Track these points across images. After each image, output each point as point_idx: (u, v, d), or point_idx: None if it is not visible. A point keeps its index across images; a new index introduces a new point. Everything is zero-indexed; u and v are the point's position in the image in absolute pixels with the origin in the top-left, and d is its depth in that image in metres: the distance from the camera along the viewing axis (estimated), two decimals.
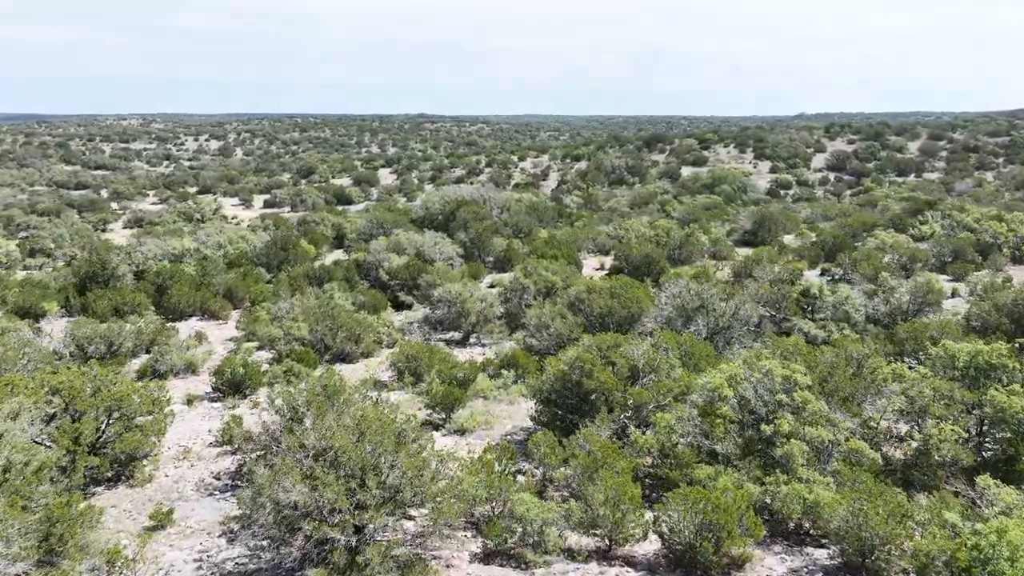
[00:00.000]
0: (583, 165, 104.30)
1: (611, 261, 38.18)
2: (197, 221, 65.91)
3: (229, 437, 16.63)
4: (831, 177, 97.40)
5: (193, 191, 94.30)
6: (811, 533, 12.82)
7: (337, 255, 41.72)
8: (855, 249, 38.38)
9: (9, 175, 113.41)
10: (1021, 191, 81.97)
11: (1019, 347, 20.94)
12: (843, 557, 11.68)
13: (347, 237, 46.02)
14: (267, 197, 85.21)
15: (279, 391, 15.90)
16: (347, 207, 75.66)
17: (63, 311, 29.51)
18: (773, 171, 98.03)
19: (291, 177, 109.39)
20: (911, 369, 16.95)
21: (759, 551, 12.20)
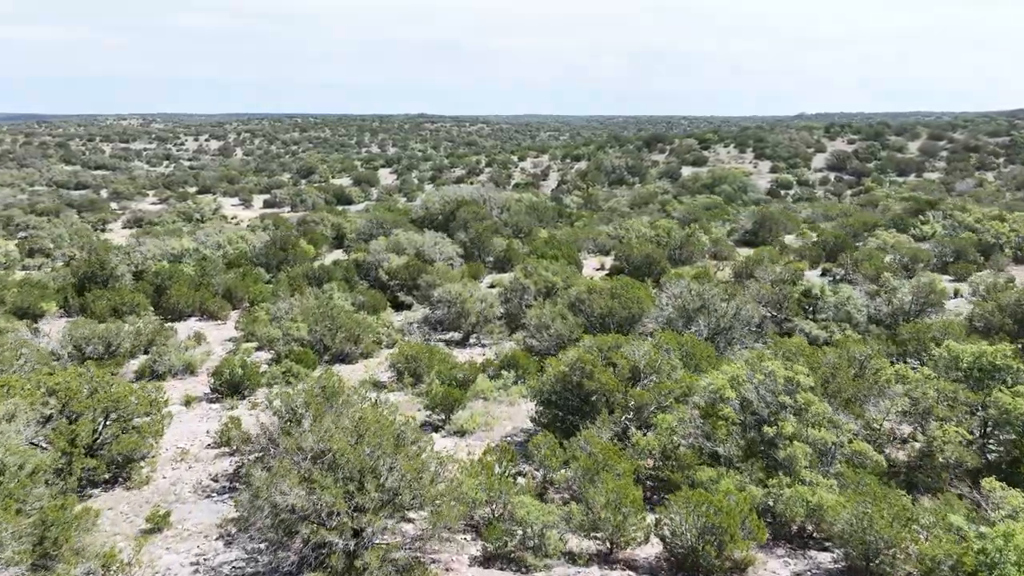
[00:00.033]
0: (583, 165, 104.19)
1: (611, 261, 38.06)
2: (197, 221, 65.82)
3: (227, 439, 16.49)
4: (831, 177, 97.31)
5: (193, 191, 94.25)
6: (814, 536, 12.70)
7: (337, 255, 41.59)
8: (856, 249, 38.24)
9: (9, 175, 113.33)
10: (1022, 191, 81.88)
11: (1023, 348, 20.81)
12: (847, 561, 11.55)
13: (347, 237, 45.89)
14: (267, 197, 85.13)
15: (277, 392, 15.79)
16: (347, 207, 75.55)
17: (62, 311, 29.38)
18: (773, 171, 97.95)
19: (291, 177, 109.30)
20: (914, 370, 16.82)
21: (762, 554, 12.07)
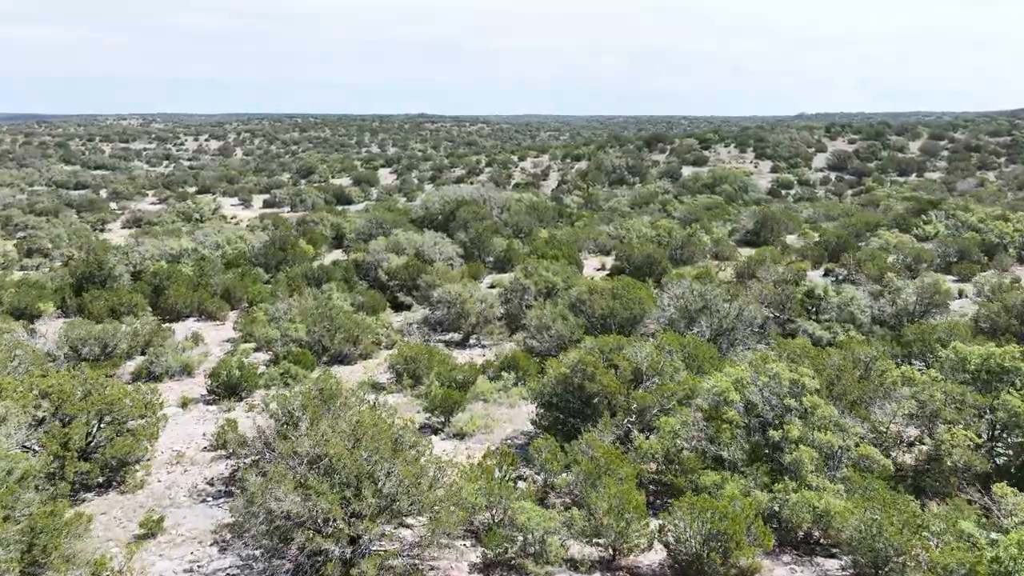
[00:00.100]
0: (583, 165, 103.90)
1: (612, 261, 37.81)
2: (196, 221, 65.57)
3: (223, 441, 16.22)
4: (832, 177, 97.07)
5: (192, 191, 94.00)
6: (821, 543, 12.43)
7: (336, 255, 41.35)
8: (859, 249, 37.98)
9: (8, 175, 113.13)
10: (1023, 191, 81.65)
11: None
12: (855, 568, 11.30)
13: (346, 237, 45.63)
14: (266, 197, 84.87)
15: (274, 394, 15.55)
16: (347, 207, 75.27)
17: (59, 312, 29.14)
18: (774, 171, 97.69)
19: (291, 177, 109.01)
20: (920, 372, 16.57)
21: (768, 561, 11.83)
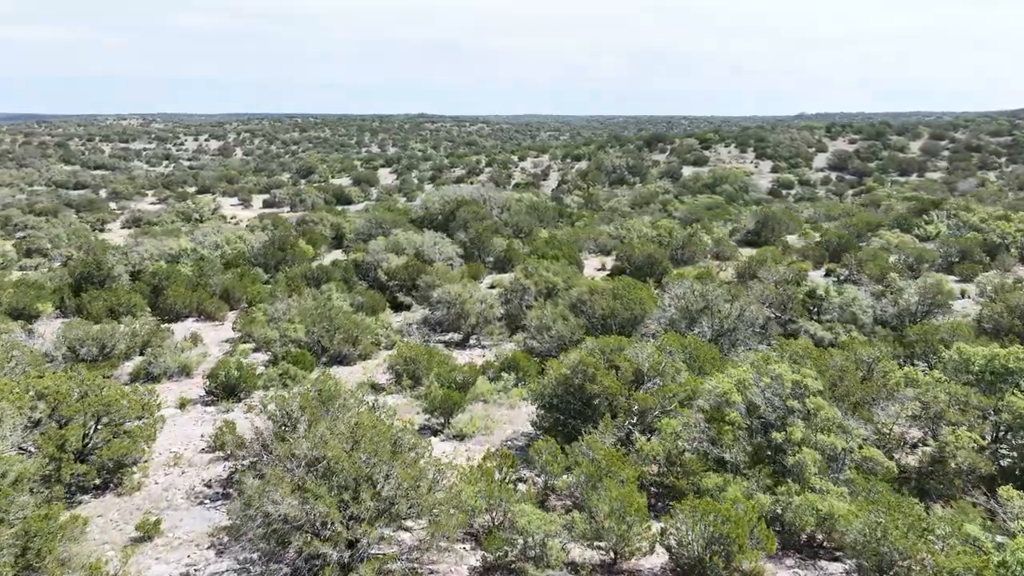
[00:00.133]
0: (583, 165, 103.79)
1: (613, 261, 37.68)
2: (195, 221, 65.44)
3: (221, 443, 16.08)
4: (833, 177, 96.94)
5: (192, 191, 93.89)
6: (824, 546, 12.30)
7: (336, 255, 41.22)
8: (860, 249, 37.86)
9: (8, 175, 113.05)
10: None
11: None
12: (860, 572, 11.14)
13: (346, 237, 45.51)
14: (266, 197, 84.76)
15: (272, 395, 15.42)
16: (347, 207, 75.16)
17: (58, 312, 29.03)
18: (775, 171, 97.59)
19: (291, 177, 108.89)
20: (924, 374, 16.45)
21: (771, 565, 11.70)
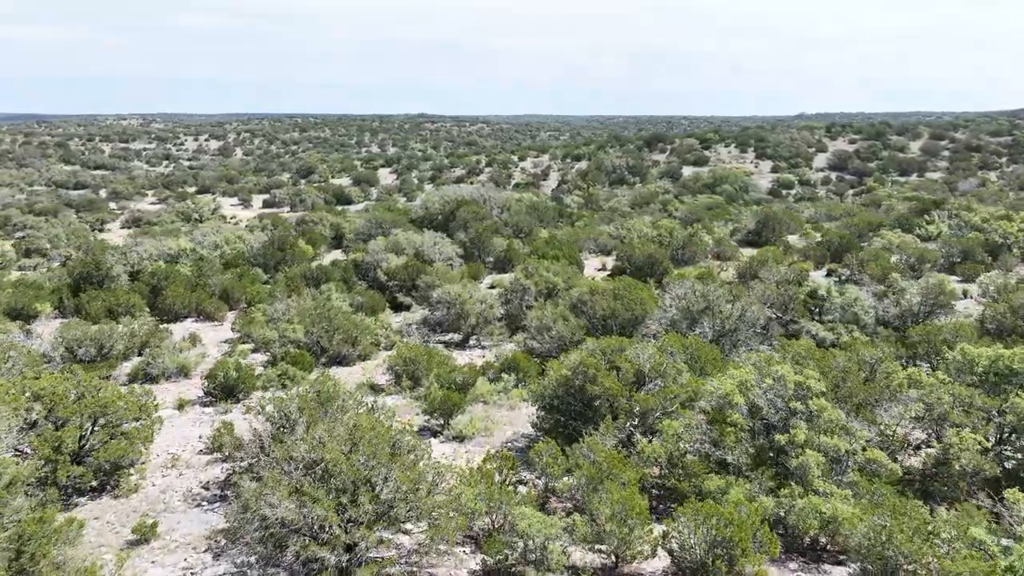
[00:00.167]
0: (584, 165, 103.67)
1: (613, 261, 37.55)
2: (195, 221, 65.32)
3: (219, 444, 15.97)
4: (833, 177, 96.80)
5: (192, 191, 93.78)
6: (828, 549, 12.18)
7: (335, 255, 41.11)
8: (861, 249, 37.72)
9: (8, 175, 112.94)
10: None
11: None
12: None
13: (345, 237, 45.39)
14: (266, 197, 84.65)
15: (271, 397, 15.30)
16: (346, 207, 75.06)
17: (56, 312, 28.91)
18: (775, 171, 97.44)
19: (290, 177, 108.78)
20: (928, 375, 16.32)
21: (774, 569, 11.58)
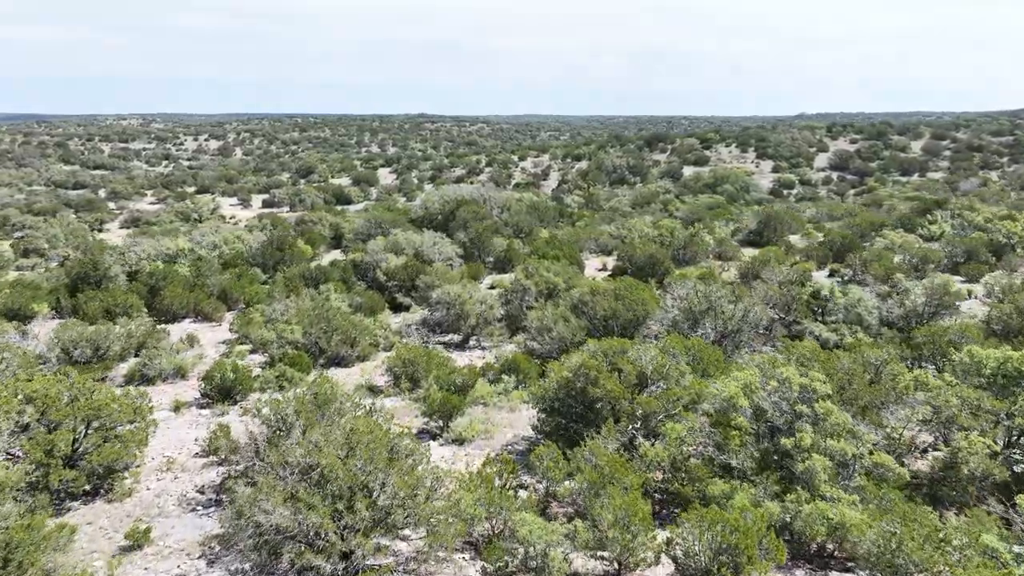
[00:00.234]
0: (584, 165, 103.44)
1: (614, 262, 37.31)
2: (194, 221, 65.11)
3: (215, 447, 15.76)
4: (834, 176, 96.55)
5: (191, 191, 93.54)
6: (836, 556, 11.93)
7: (335, 255, 40.88)
8: (864, 249, 37.48)
9: (7, 175, 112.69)
10: None
11: None
12: None
13: (345, 237, 45.17)
14: (266, 197, 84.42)
15: (267, 399, 15.07)
16: (346, 207, 74.85)
17: (54, 313, 28.69)
18: (775, 171, 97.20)
19: (290, 177, 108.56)
20: (935, 377, 16.07)
21: None
